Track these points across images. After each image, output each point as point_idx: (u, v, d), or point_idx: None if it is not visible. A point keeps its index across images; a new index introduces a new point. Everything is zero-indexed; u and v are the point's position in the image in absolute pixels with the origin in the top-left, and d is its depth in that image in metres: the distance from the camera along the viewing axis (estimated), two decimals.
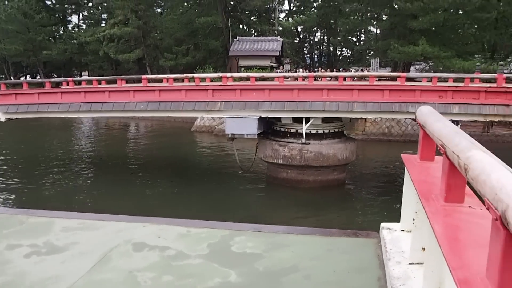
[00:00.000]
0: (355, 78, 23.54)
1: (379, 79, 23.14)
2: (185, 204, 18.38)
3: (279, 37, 41.33)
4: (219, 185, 21.23)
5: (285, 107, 19.35)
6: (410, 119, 24.30)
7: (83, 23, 65.16)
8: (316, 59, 64.70)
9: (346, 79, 21.33)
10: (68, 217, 4.71)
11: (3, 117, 21.48)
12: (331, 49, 63.72)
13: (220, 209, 17.27)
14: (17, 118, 22.30)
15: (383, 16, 48.14)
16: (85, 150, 32.34)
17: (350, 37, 60.16)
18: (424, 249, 3.17)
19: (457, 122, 31.98)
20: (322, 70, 41.75)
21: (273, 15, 53.03)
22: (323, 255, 3.78)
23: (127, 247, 3.96)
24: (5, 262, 3.69)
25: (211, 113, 21.60)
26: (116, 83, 21.71)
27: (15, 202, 19.55)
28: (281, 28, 48.67)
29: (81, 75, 57.93)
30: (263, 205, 19.62)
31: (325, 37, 63.91)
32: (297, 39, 61.17)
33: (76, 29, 63.20)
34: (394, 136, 32.58)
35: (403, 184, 3.69)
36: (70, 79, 23.33)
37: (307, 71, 43.80)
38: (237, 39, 40.02)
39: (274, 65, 39.27)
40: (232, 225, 4.53)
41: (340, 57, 64.23)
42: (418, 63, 43.33)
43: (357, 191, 21.96)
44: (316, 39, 65.74)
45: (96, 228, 4.41)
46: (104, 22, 59.22)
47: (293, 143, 20.13)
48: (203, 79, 21.05)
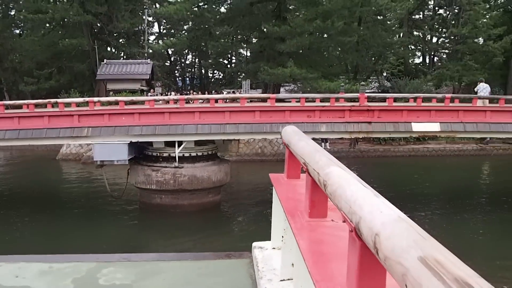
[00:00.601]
0: (227, 100, 23.99)
1: (250, 101, 23.84)
2: (49, 238, 17.05)
3: (149, 59, 40.79)
4: (89, 214, 20.08)
5: (157, 131, 19.04)
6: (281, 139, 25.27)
7: None
8: (188, 82, 64.88)
9: (218, 101, 21.64)
10: None
11: None
12: (203, 71, 64.45)
13: (89, 240, 16.30)
14: None
15: (253, 39, 49.85)
16: None
17: (221, 60, 61.40)
18: (293, 264, 3.26)
19: (325, 140, 34.24)
20: (194, 93, 42.03)
21: (142, 37, 52.29)
22: (196, 280, 3.72)
23: None
24: None
25: (78, 139, 20.46)
26: None
27: None
28: (151, 51, 48.09)
29: None
30: (136, 233, 18.95)
31: (197, 59, 64.53)
32: (168, 61, 60.98)
33: None
34: (267, 156, 33.64)
35: None
36: None
37: (179, 94, 43.72)
38: (105, 62, 38.68)
39: (145, 88, 38.61)
40: (99, 256, 4.27)
41: (212, 80, 65.20)
42: (287, 84, 45.15)
43: (233, 212, 22.19)
44: (187, 62, 66.12)
45: None
46: None
47: (166, 167, 19.81)
48: (68, 104, 19.89)
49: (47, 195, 25.05)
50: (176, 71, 63.89)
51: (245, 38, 51.33)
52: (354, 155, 34.80)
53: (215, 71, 65.92)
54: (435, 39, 53.64)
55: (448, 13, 49.45)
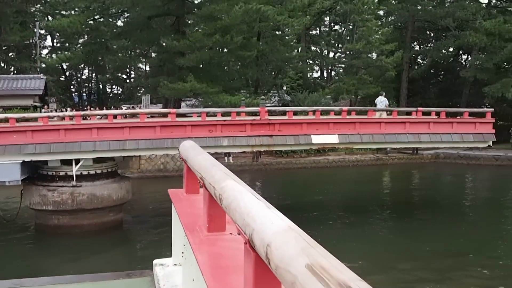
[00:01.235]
0: (127, 116, 23.34)
1: (151, 116, 23.37)
2: None
3: (42, 74, 38.57)
4: None
5: (52, 149, 18.03)
6: None
7: None
8: (85, 97, 62.15)
9: (117, 117, 20.99)
10: None
11: None
12: (101, 86, 62.19)
13: None
14: None
15: (152, 54, 49.03)
16: None
17: (119, 74, 59.75)
18: (194, 280, 3.24)
19: (228, 154, 34.42)
20: (92, 109, 40.41)
21: (34, 51, 49.45)
22: None
23: None
24: None
25: None
26: None
27: None
28: (44, 65, 45.58)
29: None
30: (31, 257, 17.71)
31: (94, 74, 62.20)
32: (63, 76, 58.08)
33: None
34: (170, 171, 33.11)
35: None
36: None
37: (75, 109, 41.80)
38: None
39: (38, 104, 36.40)
40: None
41: (111, 95, 63.07)
42: (188, 99, 44.78)
43: (136, 229, 21.57)
44: (84, 77, 63.42)
45: None
46: None
47: (63, 186, 18.80)
48: None
49: None
50: (72, 86, 61.00)
51: (144, 52, 50.42)
52: (257, 168, 35.36)
53: (114, 86, 63.95)
54: (331, 54, 56.42)
55: (343, 29, 52.27)
